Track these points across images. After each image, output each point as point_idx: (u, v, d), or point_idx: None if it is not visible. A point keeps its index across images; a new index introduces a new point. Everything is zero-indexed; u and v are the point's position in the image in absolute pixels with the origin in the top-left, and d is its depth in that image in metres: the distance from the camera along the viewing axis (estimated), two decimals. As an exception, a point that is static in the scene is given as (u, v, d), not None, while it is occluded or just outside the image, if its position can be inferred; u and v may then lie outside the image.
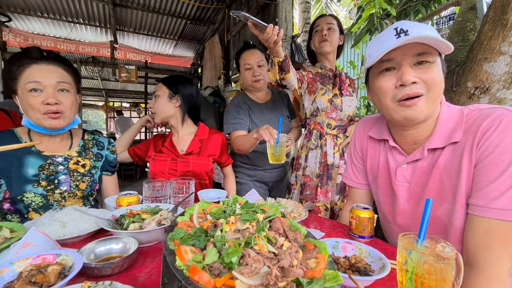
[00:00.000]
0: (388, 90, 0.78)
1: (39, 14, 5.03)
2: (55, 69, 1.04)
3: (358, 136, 1.07)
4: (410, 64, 0.74)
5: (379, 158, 0.96)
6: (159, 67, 7.61)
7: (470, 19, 1.76)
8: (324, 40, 1.59)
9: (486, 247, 0.66)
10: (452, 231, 0.76)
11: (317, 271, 0.42)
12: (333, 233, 0.96)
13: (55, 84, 1.03)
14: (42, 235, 0.69)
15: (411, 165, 0.86)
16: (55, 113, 1.03)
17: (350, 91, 1.68)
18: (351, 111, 1.68)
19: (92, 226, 0.85)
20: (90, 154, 1.22)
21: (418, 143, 0.84)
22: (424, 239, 0.58)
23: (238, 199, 0.67)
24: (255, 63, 1.62)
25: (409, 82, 0.73)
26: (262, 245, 0.47)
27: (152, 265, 0.71)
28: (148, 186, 1.08)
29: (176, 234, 0.51)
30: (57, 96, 1.03)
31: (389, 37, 0.74)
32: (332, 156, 1.59)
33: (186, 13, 5.22)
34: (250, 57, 1.62)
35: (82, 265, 0.59)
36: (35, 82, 0.99)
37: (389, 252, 0.82)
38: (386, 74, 0.78)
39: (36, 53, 1.03)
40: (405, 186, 0.87)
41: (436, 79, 0.73)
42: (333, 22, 1.61)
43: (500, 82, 1.34)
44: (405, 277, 0.57)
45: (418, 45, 0.73)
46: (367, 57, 0.82)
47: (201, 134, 1.52)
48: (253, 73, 1.61)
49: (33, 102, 0.99)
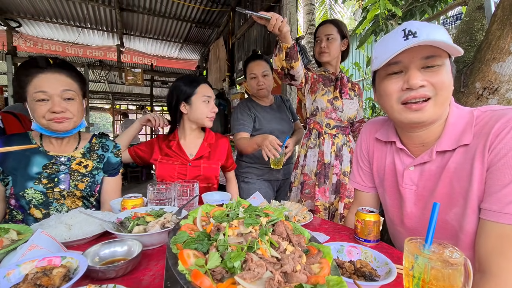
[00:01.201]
0: (394, 93, 0.77)
1: (48, 20, 5.15)
2: (61, 78, 1.08)
3: (364, 138, 1.06)
4: (417, 67, 0.72)
5: (386, 160, 0.95)
6: (164, 70, 7.69)
7: (478, 18, 1.74)
8: (323, 52, 1.66)
9: (499, 253, 0.64)
10: (463, 236, 0.74)
11: (321, 277, 0.41)
12: (338, 237, 0.95)
13: (61, 93, 1.07)
14: (48, 238, 0.69)
15: (418, 168, 0.84)
16: (60, 118, 1.08)
17: (350, 95, 1.70)
18: (352, 114, 1.70)
19: (97, 228, 0.86)
20: (94, 156, 1.25)
21: (426, 145, 0.82)
22: (431, 244, 0.56)
23: (241, 202, 0.67)
24: (260, 73, 1.78)
25: (416, 86, 0.71)
26: (265, 250, 0.47)
27: (156, 268, 0.71)
28: (153, 188, 1.08)
29: (179, 238, 0.51)
30: (63, 104, 1.07)
31: (397, 39, 0.72)
32: (329, 155, 1.62)
33: (191, 17, 5.28)
34: (255, 67, 1.79)
35: (87, 267, 0.60)
36: (42, 92, 1.04)
37: (395, 257, 0.80)
38: (393, 76, 0.77)
39: (43, 62, 1.06)
40: (412, 189, 0.85)
41: (444, 82, 0.71)
42: (332, 32, 1.65)
43: (509, 82, 1.31)
44: (411, 283, 0.56)
45: (426, 47, 0.70)
46: (374, 59, 0.81)
47: (210, 139, 1.53)
48: (258, 82, 1.78)
49: (40, 111, 1.05)
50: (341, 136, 1.66)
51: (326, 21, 1.72)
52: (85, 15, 4.99)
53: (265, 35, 3.48)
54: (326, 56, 1.66)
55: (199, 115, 1.44)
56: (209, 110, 1.45)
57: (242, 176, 1.90)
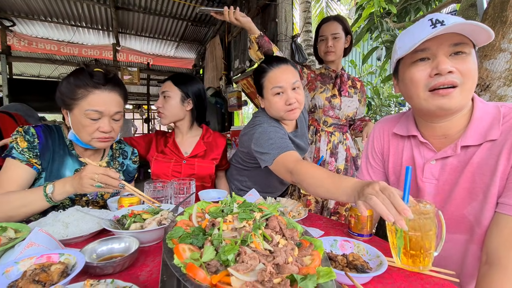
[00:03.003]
0: (421, 80, 0.76)
1: (43, 18, 5.10)
2: (115, 97, 1.08)
3: (377, 136, 1.04)
4: (446, 54, 0.73)
5: (403, 155, 0.94)
6: (161, 68, 7.65)
7: (471, 16, 1.75)
8: (330, 52, 1.63)
9: (511, 246, 0.65)
10: (479, 231, 0.75)
11: (311, 268, 0.43)
12: (333, 232, 0.97)
13: (113, 114, 1.07)
14: (46, 235, 0.70)
15: (440, 162, 0.83)
16: (106, 137, 1.08)
17: (350, 93, 1.69)
18: (351, 112, 1.69)
19: (95, 226, 0.87)
20: (116, 164, 1.26)
21: (448, 138, 0.82)
22: (408, 202, 0.64)
23: (236, 199, 0.68)
24: (289, 85, 1.19)
25: (446, 71, 0.71)
26: (258, 243, 0.48)
27: (153, 264, 0.72)
28: (149, 186, 1.09)
29: (175, 233, 0.53)
30: (111, 124, 1.08)
31: (424, 28, 0.72)
32: (324, 152, 1.63)
33: (187, 15, 5.25)
34: (281, 78, 1.19)
35: (84, 264, 0.61)
36: (97, 112, 1.02)
37: (388, 250, 0.82)
38: (420, 64, 0.76)
39: (101, 78, 1.04)
40: (432, 183, 0.85)
41: (472, 70, 0.72)
42: (338, 31, 1.62)
43: (500, 79, 1.34)
44: (395, 237, 0.66)
45: (454, 35, 0.71)
46: (398, 49, 0.80)
47: (206, 137, 1.51)
48: (287, 100, 1.18)
49: (91, 129, 1.03)
50: (337, 134, 1.67)
51: (330, 18, 1.69)
52: (80, 13, 4.95)
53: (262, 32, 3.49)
54: (332, 56, 1.64)
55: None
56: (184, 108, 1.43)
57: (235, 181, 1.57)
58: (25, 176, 1.01)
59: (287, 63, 1.23)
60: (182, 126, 1.48)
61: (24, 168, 1.01)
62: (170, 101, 1.40)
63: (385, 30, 2.68)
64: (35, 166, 1.03)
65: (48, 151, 1.07)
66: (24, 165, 1.00)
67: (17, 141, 1.01)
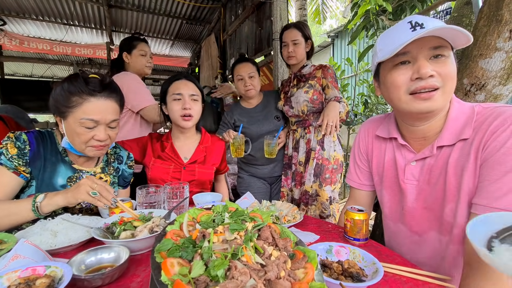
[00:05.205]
0: (403, 84, 0.77)
1: (34, 17, 5.00)
2: (111, 105, 1.03)
3: (362, 137, 1.06)
4: (426, 58, 0.73)
5: (385, 157, 0.95)
6: (156, 67, 7.58)
7: (466, 14, 1.74)
8: (291, 56, 1.77)
9: None
10: (457, 231, 0.76)
11: (304, 283, 0.41)
12: (328, 236, 0.95)
13: (109, 122, 1.03)
14: (32, 247, 0.68)
15: (420, 163, 0.85)
16: (101, 146, 1.04)
17: (300, 86, 1.76)
18: (302, 105, 1.72)
19: (84, 235, 0.84)
20: (111, 170, 1.22)
21: (427, 139, 0.83)
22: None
23: (228, 206, 0.66)
24: (246, 74, 1.79)
25: (427, 75, 0.72)
26: (249, 256, 0.46)
27: (144, 274, 0.70)
28: (142, 192, 1.07)
29: (163, 246, 0.51)
30: (108, 132, 1.04)
31: (404, 31, 0.72)
32: (290, 148, 1.84)
33: (182, 13, 5.19)
34: (242, 69, 1.80)
35: (72, 277, 0.59)
36: (92, 121, 0.98)
37: (383, 255, 0.81)
38: (401, 67, 0.77)
39: (96, 85, 0.99)
40: (413, 184, 0.86)
41: (451, 73, 0.73)
42: (297, 37, 1.73)
43: (496, 78, 1.33)
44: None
45: (433, 38, 0.72)
46: (378, 51, 0.80)
47: (206, 141, 1.48)
48: (245, 84, 1.80)
49: (85, 138, 0.99)
50: (299, 130, 1.80)
51: (290, 25, 1.80)
52: (72, 12, 4.86)
53: (257, 31, 3.45)
54: (293, 60, 1.78)
55: (171, 115, 1.38)
56: (180, 107, 1.34)
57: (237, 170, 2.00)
58: (11, 184, 0.97)
59: (247, 61, 1.85)
60: (192, 129, 1.46)
61: (10, 175, 0.97)
62: (198, 104, 1.40)
63: (380, 28, 2.67)
64: (23, 175, 0.99)
65: (40, 159, 1.03)
66: (11, 173, 0.97)
67: (7, 147, 0.97)
